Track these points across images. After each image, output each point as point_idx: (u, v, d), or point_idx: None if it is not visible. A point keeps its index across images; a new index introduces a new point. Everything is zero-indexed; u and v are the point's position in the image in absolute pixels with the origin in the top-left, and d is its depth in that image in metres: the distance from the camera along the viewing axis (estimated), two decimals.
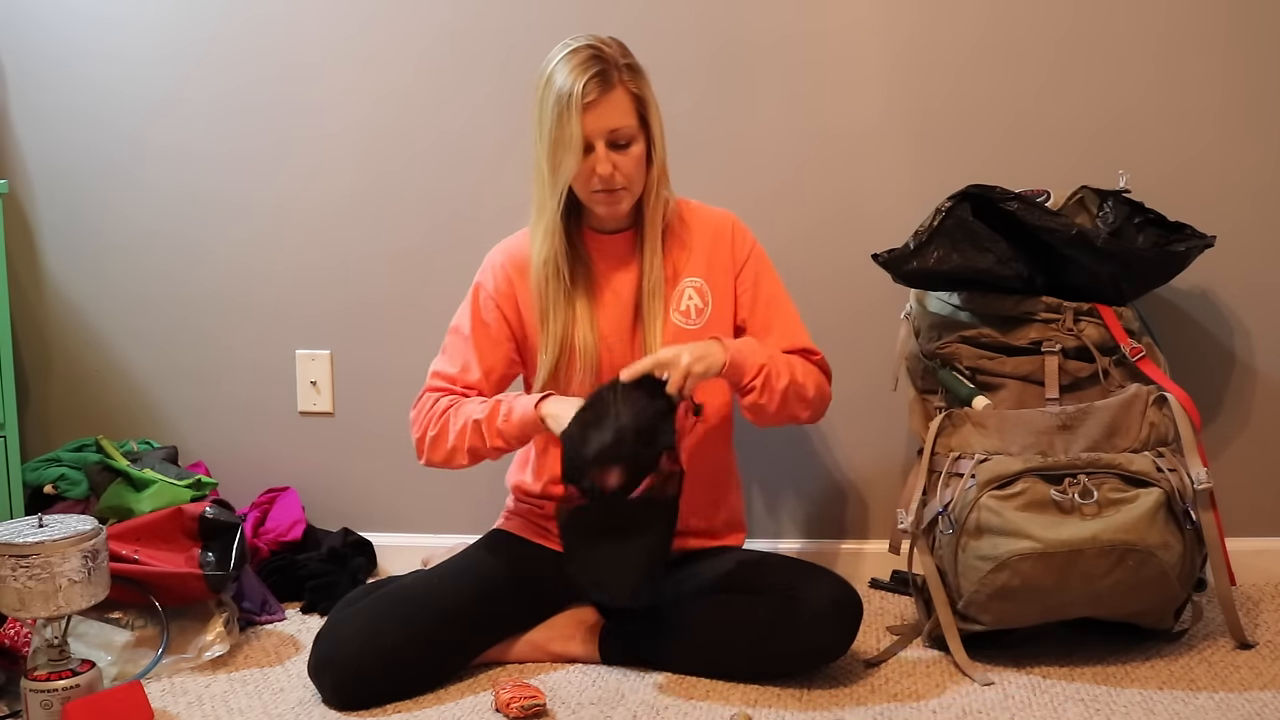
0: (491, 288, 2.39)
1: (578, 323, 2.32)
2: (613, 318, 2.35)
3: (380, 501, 2.91)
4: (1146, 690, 2.17)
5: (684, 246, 2.37)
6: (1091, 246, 2.36)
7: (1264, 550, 2.64)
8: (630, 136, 2.25)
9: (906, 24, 2.65)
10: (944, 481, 2.28)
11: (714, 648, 2.26)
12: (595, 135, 2.22)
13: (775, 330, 2.36)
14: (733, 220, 2.41)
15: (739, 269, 2.38)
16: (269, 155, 2.87)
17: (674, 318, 2.35)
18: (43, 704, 2.10)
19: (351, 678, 2.21)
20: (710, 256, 2.38)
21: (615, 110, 2.23)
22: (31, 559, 2.08)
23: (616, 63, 2.24)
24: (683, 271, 2.36)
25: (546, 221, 2.29)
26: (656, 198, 2.31)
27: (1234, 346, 2.65)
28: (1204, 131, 2.60)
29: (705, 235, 2.38)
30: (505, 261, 2.39)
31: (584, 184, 2.27)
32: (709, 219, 2.40)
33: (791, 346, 2.36)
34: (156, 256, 2.94)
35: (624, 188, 2.27)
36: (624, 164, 2.25)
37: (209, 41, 2.86)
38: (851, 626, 2.25)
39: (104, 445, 2.76)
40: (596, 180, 2.25)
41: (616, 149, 2.24)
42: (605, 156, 2.23)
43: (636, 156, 2.26)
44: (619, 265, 2.36)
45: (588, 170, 2.24)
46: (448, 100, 2.79)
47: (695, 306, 2.36)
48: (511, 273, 2.38)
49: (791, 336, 2.37)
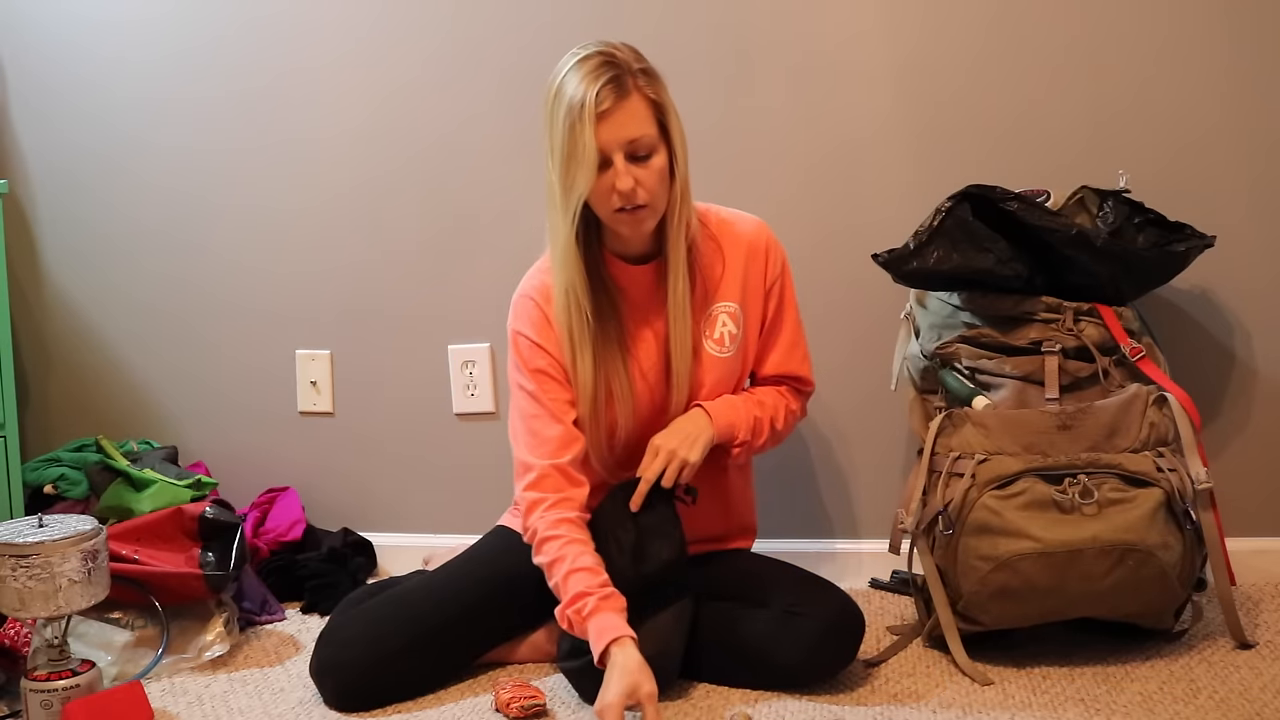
0: (531, 329, 2.23)
1: (612, 362, 2.20)
2: (647, 353, 2.26)
3: (380, 501, 2.92)
4: (1146, 690, 2.17)
5: (717, 267, 2.26)
6: (1091, 246, 2.36)
7: (1264, 550, 2.64)
8: (651, 147, 2.10)
9: (911, 27, 2.65)
10: (944, 481, 2.28)
11: (714, 657, 2.25)
12: (612, 147, 2.07)
13: (782, 350, 2.34)
14: (766, 235, 2.30)
15: (770, 287, 2.31)
16: (269, 156, 2.87)
17: (708, 346, 2.27)
18: (43, 704, 2.10)
19: (354, 680, 2.21)
20: (745, 277, 2.28)
21: (632, 119, 2.07)
22: (31, 559, 2.08)
23: (630, 68, 2.09)
24: (715, 295, 2.27)
25: (561, 246, 2.15)
26: (679, 219, 2.17)
27: (1234, 346, 2.65)
28: (1204, 132, 2.60)
29: (739, 254, 2.27)
30: (533, 296, 2.24)
31: (604, 202, 2.11)
32: (742, 235, 2.29)
33: (789, 372, 2.35)
34: (157, 256, 2.94)
35: (647, 204, 2.11)
36: (645, 178, 2.09)
37: (208, 45, 2.86)
38: (853, 645, 2.23)
39: (104, 445, 2.76)
40: (617, 198, 2.09)
41: (636, 162, 2.09)
42: (625, 170, 2.07)
43: (659, 169, 2.11)
44: (648, 296, 2.24)
45: (606, 187, 2.09)
46: (450, 102, 2.79)
47: (729, 334, 2.28)
48: (544, 306, 2.22)
49: (790, 362, 2.35)
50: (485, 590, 2.33)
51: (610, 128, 2.07)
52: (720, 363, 2.29)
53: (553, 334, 2.22)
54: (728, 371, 2.31)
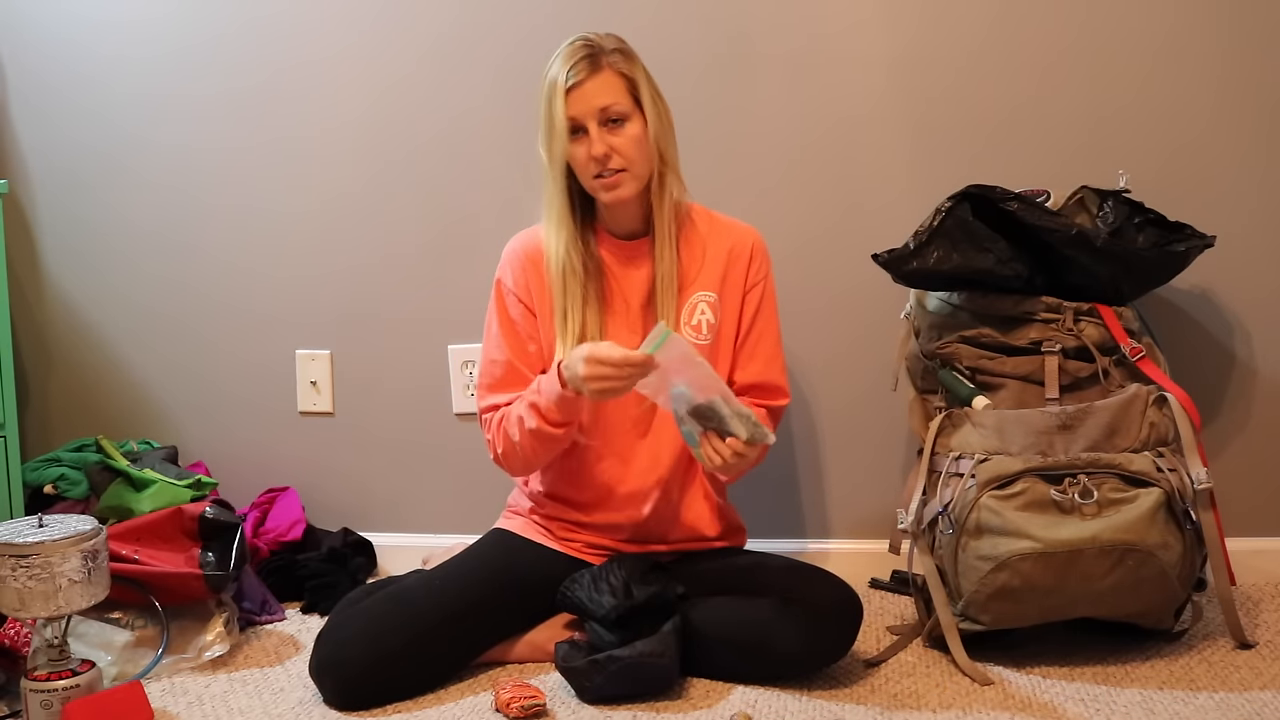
0: (510, 281, 2.37)
1: (587, 328, 2.30)
2: (622, 326, 2.33)
3: (380, 501, 2.92)
4: (1146, 690, 2.17)
5: (698, 255, 2.35)
6: (1091, 246, 2.36)
7: (1264, 550, 2.64)
8: (623, 114, 2.23)
9: (908, 25, 2.65)
10: (944, 481, 2.28)
11: (714, 650, 2.25)
12: (585, 116, 2.22)
13: (760, 358, 2.36)
14: (755, 238, 2.38)
15: (749, 288, 2.36)
16: (269, 155, 2.87)
17: (685, 332, 2.33)
18: (43, 704, 2.10)
19: (353, 679, 2.21)
20: (726, 271, 2.35)
21: (604, 90, 2.22)
22: (31, 559, 2.08)
23: (605, 49, 2.24)
24: (694, 281, 2.34)
25: (555, 213, 2.29)
26: (662, 188, 2.29)
27: (1234, 346, 2.65)
28: (1205, 132, 2.60)
29: (722, 248, 2.36)
30: (520, 250, 2.37)
31: (584, 170, 2.25)
32: (730, 232, 2.38)
33: (766, 381, 2.37)
34: (157, 256, 2.94)
35: (624, 169, 2.24)
36: (620, 144, 2.23)
37: (209, 44, 2.86)
38: (852, 629, 2.25)
39: (104, 445, 2.76)
40: (593, 164, 2.23)
41: (610, 127, 2.22)
42: (599, 136, 2.22)
43: (633, 135, 2.24)
44: (632, 271, 2.34)
45: (584, 155, 2.23)
46: (449, 100, 2.79)
47: (708, 322, 2.35)
48: (526, 264, 2.36)
49: (768, 371, 2.37)
50: (484, 589, 2.33)
51: (581, 97, 2.22)
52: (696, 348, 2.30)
53: (527, 293, 2.34)
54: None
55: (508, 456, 2.33)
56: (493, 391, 2.35)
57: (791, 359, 2.57)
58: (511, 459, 2.33)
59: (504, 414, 2.32)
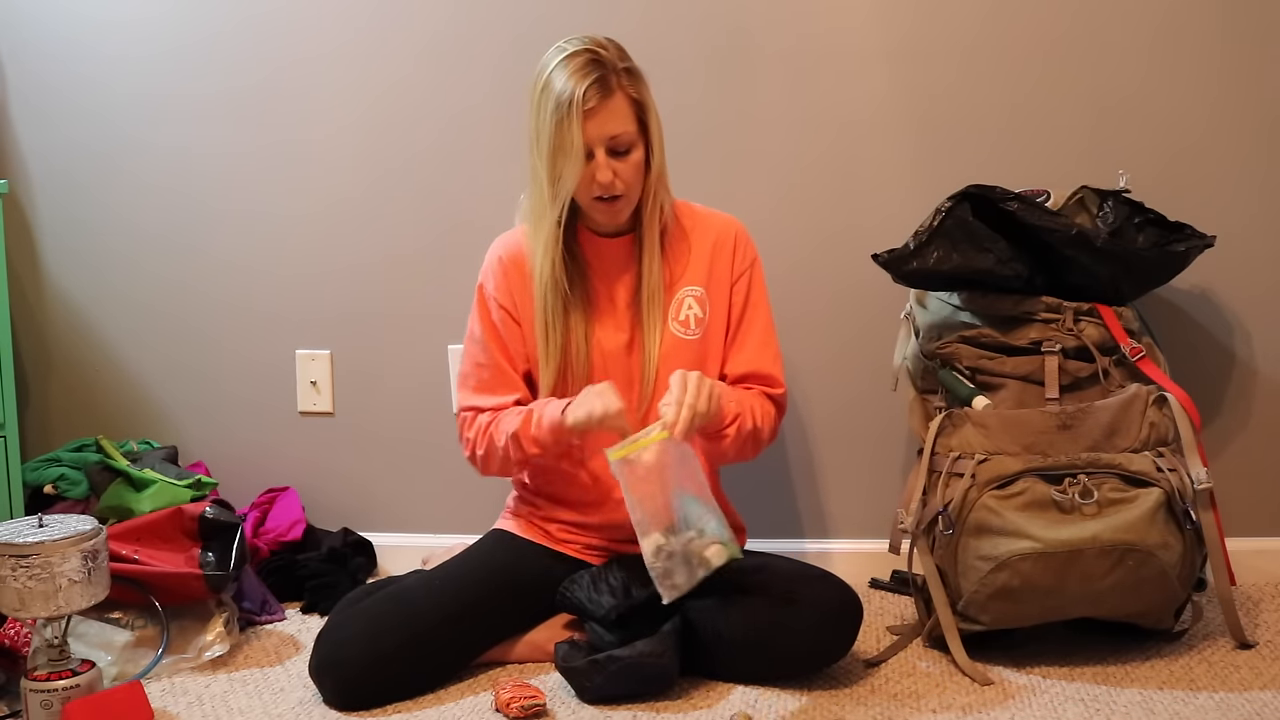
0: (492, 287, 2.37)
1: (572, 332, 2.31)
2: (609, 326, 2.34)
3: (380, 501, 2.91)
4: (1146, 690, 2.17)
5: (683, 253, 2.35)
6: (1091, 246, 2.36)
7: (1264, 550, 2.64)
8: (629, 143, 2.23)
9: (905, 24, 2.65)
10: (944, 481, 2.28)
11: (714, 650, 2.25)
12: (596, 142, 2.20)
13: (750, 348, 2.36)
14: (737, 228, 2.38)
15: (736, 279, 2.36)
16: (269, 155, 2.87)
17: (672, 327, 2.33)
18: (43, 704, 2.10)
19: (353, 679, 2.21)
20: (711, 264, 2.36)
21: (615, 116, 2.21)
22: (31, 559, 2.08)
23: (615, 67, 2.21)
24: (681, 279, 2.35)
25: (546, 233, 2.28)
26: (654, 202, 2.29)
27: (1234, 346, 2.65)
28: (1205, 132, 2.60)
29: (706, 242, 2.36)
30: (504, 256, 2.37)
31: (585, 191, 2.25)
32: (711, 225, 2.38)
33: (758, 370, 2.35)
34: (157, 256, 2.94)
35: (623, 195, 2.25)
36: (623, 171, 2.23)
37: (206, 42, 2.86)
38: (852, 629, 2.25)
39: (104, 445, 2.76)
40: (596, 188, 2.23)
41: (616, 156, 2.22)
42: (605, 164, 2.21)
43: (635, 163, 2.24)
44: (617, 271, 2.35)
45: (588, 177, 2.22)
46: (448, 100, 2.79)
47: (695, 316, 2.35)
48: (510, 269, 2.36)
49: (761, 360, 2.36)
50: (484, 589, 2.33)
51: (595, 124, 2.20)
52: (684, 344, 2.33)
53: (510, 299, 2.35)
54: (693, 355, 2.33)
55: (485, 460, 2.35)
56: (476, 393, 2.37)
57: (791, 359, 2.57)
58: (489, 464, 2.36)
59: (492, 421, 2.32)
